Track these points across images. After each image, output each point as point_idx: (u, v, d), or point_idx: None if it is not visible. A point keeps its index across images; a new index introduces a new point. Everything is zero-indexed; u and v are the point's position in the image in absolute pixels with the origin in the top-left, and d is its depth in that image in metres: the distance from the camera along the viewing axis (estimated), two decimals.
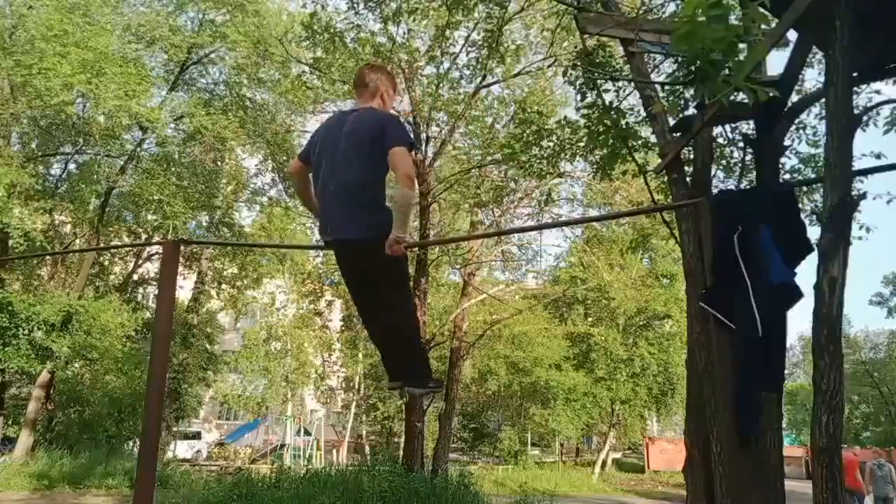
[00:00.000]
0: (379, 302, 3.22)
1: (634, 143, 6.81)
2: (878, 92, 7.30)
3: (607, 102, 6.73)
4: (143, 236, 20.03)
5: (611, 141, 6.82)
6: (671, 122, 5.53)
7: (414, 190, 3.02)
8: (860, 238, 7.32)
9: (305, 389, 31.62)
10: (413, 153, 3.16)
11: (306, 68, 14.55)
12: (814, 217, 7.26)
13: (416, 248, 14.22)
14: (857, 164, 4.39)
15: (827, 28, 3.49)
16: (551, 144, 8.49)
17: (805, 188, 7.51)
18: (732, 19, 3.46)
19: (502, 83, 14.15)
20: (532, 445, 30.45)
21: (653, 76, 6.77)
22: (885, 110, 6.74)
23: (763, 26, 3.80)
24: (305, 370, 29.83)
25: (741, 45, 3.57)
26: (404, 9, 10.60)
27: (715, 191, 5.97)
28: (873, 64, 4.29)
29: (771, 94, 3.42)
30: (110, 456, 16.02)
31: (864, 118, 6.59)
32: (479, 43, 10.48)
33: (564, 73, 6.82)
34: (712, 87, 3.58)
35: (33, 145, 17.55)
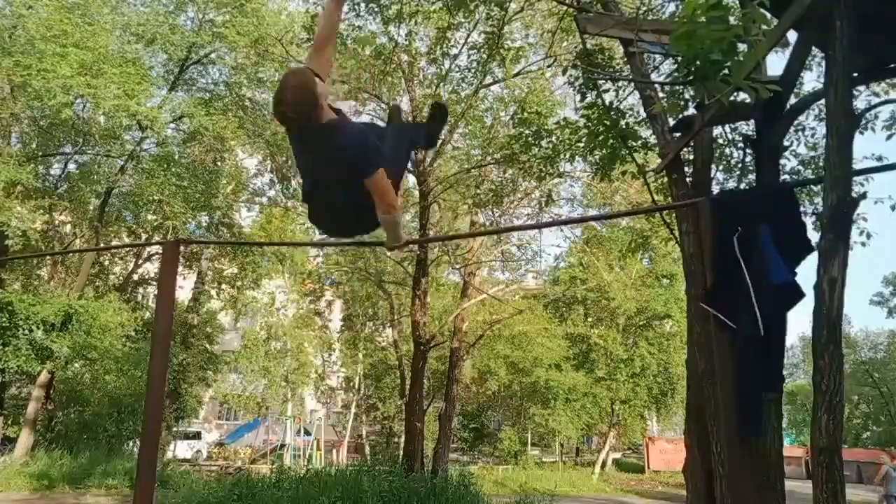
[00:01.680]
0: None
1: (634, 144, 6.81)
2: (876, 94, 7.28)
3: (607, 103, 6.73)
4: (143, 236, 20.03)
5: (610, 141, 6.82)
6: (671, 122, 5.53)
7: (392, 212, 2.83)
8: (863, 244, 7.25)
9: (305, 389, 31.61)
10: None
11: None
12: (814, 218, 7.24)
13: (417, 248, 14.23)
14: (858, 166, 4.39)
15: (827, 28, 3.49)
16: (551, 145, 8.49)
17: (806, 191, 7.50)
18: (732, 19, 3.46)
19: (502, 83, 14.16)
20: (532, 445, 30.44)
21: (653, 76, 6.77)
22: (885, 113, 6.73)
23: (763, 26, 3.79)
24: (305, 370, 29.81)
25: (741, 46, 3.57)
26: (405, 11, 10.60)
27: (715, 191, 5.98)
28: (873, 64, 4.29)
29: (771, 92, 3.42)
30: (110, 456, 16.03)
31: (864, 121, 6.58)
32: (480, 45, 10.50)
33: (564, 72, 6.82)
34: (712, 87, 3.58)
35: (33, 145, 17.56)
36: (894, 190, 8.88)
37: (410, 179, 15.39)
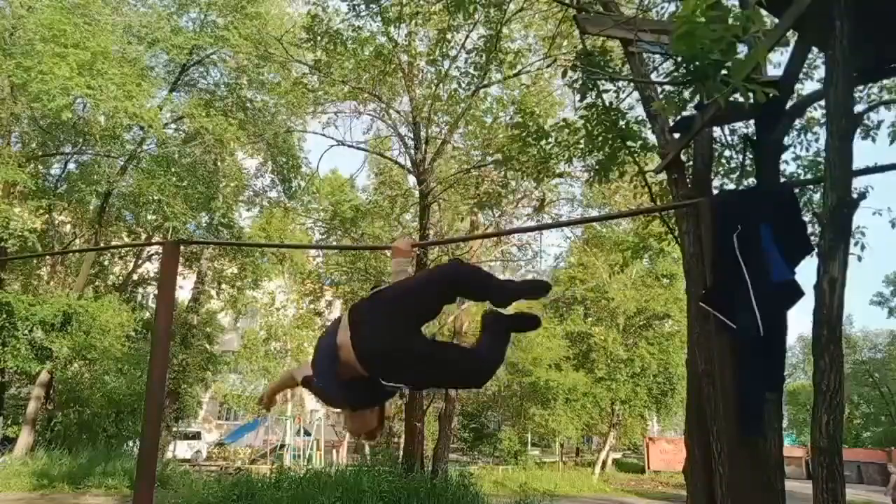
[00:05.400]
0: None
1: (633, 145, 6.80)
2: (878, 97, 7.26)
3: (607, 103, 6.73)
4: (143, 236, 20.03)
5: (609, 142, 6.82)
6: (671, 122, 5.52)
7: None
8: (859, 258, 7.15)
9: (305, 389, 31.53)
10: None
11: (306, 69, 14.56)
12: (814, 218, 7.20)
13: (417, 249, 14.23)
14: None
15: (827, 28, 3.49)
16: (548, 146, 8.47)
17: (807, 195, 7.48)
18: (731, 20, 3.46)
19: (501, 83, 14.16)
20: (532, 445, 30.43)
21: (653, 76, 6.77)
22: (887, 120, 6.72)
23: (761, 27, 3.80)
24: None
25: (740, 46, 3.57)
26: (405, 13, 10.60)
27: (715, 192, 5.97)
28: (873, 64, 4.29)
29: (770, 95, 3.42)
30: (110, 456, 16.02)
31: (866, 128, 6.56)
32: (479, 47, 10.48)
33: (564, 74, 6.82)
34: (711, 88, 3.58)
35: (33, 145, 17.56)
36: (893, 199, 8.78)
37: (410, 179, 15.41)
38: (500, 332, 2.67)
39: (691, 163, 5.65)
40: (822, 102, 4.56)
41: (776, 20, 4.12)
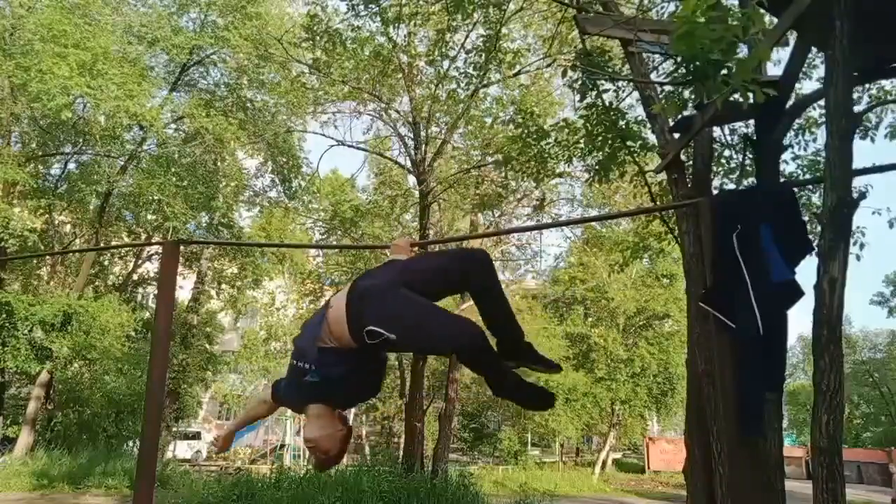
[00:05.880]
0: None
1: (633, 145, 6.81)
2: (878, 98, 7.25)
3: (607, 103, 6.73)
4: (143, 236, 20.03)
5: (609, 142, 6.82)
6: (671, 122, 5.53)
7: None
8: (857, 257, 7.12)
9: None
10: None
11: (306, 69, 14.57)
12: (814, 218, 7.19)
13: (417, 248, 14.23)
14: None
15: (827, 28, 3.49)
16: (548, 146, 8.47)
17: (807, 195, 7.47)
18: (731, 20, 3.46)
19: (500, 83, 14.17)
20: (532, 445, 30.43)
21: (653, 76, 6.77)
22: (886, 119, 6.71)
23: (761, 27, 3.79)
24: None
25: (740, 46, 3.57)
26: (405, 13, 10.60)
27: (715, 192, 5.97)
28: (873, 64, 4.29)
29: (770, 94, 3.42)
30: (110, 456, 16.03)
31: (864, 128, 6.56)
32: (479, 47, 10.49)
33: (564, 74, 6.82)
34: (710, 88, 3.58)
35: (33, 145, 17.56)
36: (892, 199, 8.78)
37: (410, 179, 15.42)
38: (509, 374, 2.30)
39: (691, 163, 5.65)
40: (822, 102, 4.57)
41: (776, 20, 4.12)
